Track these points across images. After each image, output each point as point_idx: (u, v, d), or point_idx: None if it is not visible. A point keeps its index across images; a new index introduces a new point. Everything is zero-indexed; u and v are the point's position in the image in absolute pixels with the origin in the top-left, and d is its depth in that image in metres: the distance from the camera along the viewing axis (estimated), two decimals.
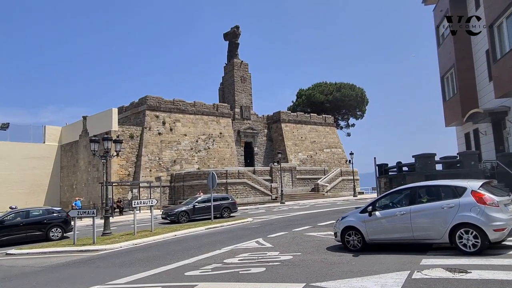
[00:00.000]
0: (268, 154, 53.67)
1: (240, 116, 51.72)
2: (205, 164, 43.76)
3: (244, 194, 38.59)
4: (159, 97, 42.48)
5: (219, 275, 7.98)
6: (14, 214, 18.15)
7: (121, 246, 14.16)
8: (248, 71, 53.95)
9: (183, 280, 7.83)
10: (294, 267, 8.15)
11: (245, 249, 11.35)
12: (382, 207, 9.57)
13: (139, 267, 9.79)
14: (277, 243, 12.09)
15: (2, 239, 16.76)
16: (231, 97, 52.29)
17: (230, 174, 38.30)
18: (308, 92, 68.61)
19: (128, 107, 44.66)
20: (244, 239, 13.49)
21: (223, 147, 46.57)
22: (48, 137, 43.26)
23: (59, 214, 19.03)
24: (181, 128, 43.09)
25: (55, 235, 17.99)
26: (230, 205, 25.54)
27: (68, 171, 42.47)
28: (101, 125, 37.92)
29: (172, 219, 23.17)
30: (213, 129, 46.16)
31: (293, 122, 54.96)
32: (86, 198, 36.99)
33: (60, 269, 10.65)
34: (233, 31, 53.32)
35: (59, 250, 13.98)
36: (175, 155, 41.63)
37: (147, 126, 40.27)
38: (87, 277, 9.08)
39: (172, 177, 40.29)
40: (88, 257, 12.48)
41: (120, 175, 37.46)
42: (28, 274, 10.14)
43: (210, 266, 9.10)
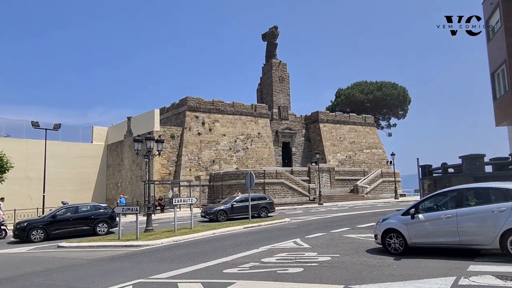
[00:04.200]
0: (306, 154, 53.21)
1: (278, 116, 51.68)
2: (243, 164, 44.14)
3: (282, 195, 38.52)
4: (199, 98, 43.42)
5: (257, 274, 8.03)
6: (65, 209, 19.28)
7: (162, 242, 14.60)
8: (286, 71, 53.81)
9: (222, 277, 7.95)
10: (332, 269, 8.03)
11: (282, 249, 11.33)
12: (426, 210, 9.20)
13: (179, 263, 10.06)
14: (315, 244, 11.97)
15: (54, 232, 17.86)
16: (269, 97, 52.39)
17: (268, 174, 38.37)
18: (347, 92, 67.30)
19: (169, 108, 46.03)
20: (282, 239, 13.47)
21: (261, 147, 46.76)
22: (96, 137, 45.55)
23: (105, 210, 19.98)
24: (220, 128, 43.76)
25: (102, 230, 18.90)
26: (267, 205, 25.59)
27: (114, 170, 44.45)
28: (144, 126, 39.36)
29: (211, 218, 23.59)
30: (251, 129, 46.46)
31: (332, 122, 54.11)
32: (130, 196, 38.52)
33: (106, 263, 11.17)
34: (272, 31, 53.40)
35: (105, 245, 14.66)
36: (214, 155, 42.35)
37: (187, 127, 41.28)
38: (130, 271, 9.46)
39: (211, 176, 41.02)
40: (131, 252, 12.99)
41: (161, 174, 38.69)
42: (78, 266, 10.73)
43: (248, 264, 9.18)
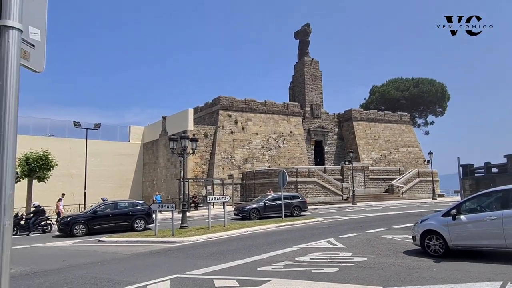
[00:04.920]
0: (339, 153, 52.40)
1: (311, 115, 51.21)
2: (275, 162, 44.13)
3: (314, 194, 38.18)
4: (231, 97, 43.82)
5: (291, 272, 8.03)
6: (105, 205, 20.08)
7: (197, 239, 14.89)
8: (318, 69, 53.21)
9: (256, 275, 8.02)
10: (369, 270, 7.89)
11: (316, 248, 11.25)
12: (468, 211, 8.83)
13: (214, 259, 10.23)
14: (349, 244, 11.79)
15: (95, 228, 18.66)
16: (301, 95, 52.02)
17: (300, 173, 38.14)
18: (382, 89, 65.62)
19: (202, 107, 46.78)
20: (315, 238, 13.36)
21: (293, 146, 46.55)
22: (133, 136, 47.10)
23: (142, 207, 20.64)
24: (252, 127, 43.97)
25: (139, 226, 19.54)
26: (300, 204, 25.46)
27: (150, 168, 45.79)
28: (179, 125, 40.26)
29: (243, 216, 23.77)
30: (284, 128, 46.35)
31: (366, 120, 52.96)
32: (165, 193, 39.54)
33: (144, 257, 11.55)
34: (304, 29, 52.98)
35: (143, 240, 15.15)
36: (246, 154, 42.62)
37: (220, 125, 41.80)
38: (167, 266, 9.73)
39: (243, 175, 41.32)
40: (167, 248, 13.34)
41: (195, 172, 39.42)
42: (118, 260, 11.17)
43: (282, 263, 9.19)
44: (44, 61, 1.91)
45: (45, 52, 1.91)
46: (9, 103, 1.58)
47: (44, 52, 1.91)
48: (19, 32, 1.64)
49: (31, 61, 1.79)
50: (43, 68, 1.91)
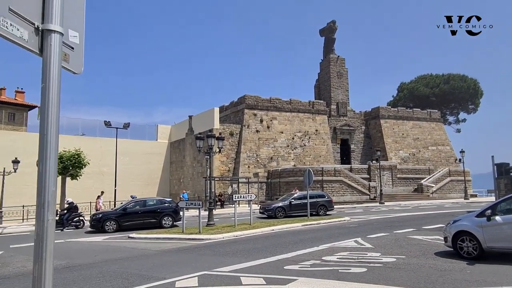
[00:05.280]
0: (366, 151, 51.49)
1: (336, 113, 50.56)
2: (301, 161, 43.89)
3: (340, 193, 37.70)
4: (256, 96, 43.90)
5: (318, 272, 7.98)
6: (134, 203, 20.60)
7: (223, 237, 15.03)
8: (344, 66, 52.45)
9: (283, 273, 8.01)
10: (398, 271, 7.73)
11: (343, 248, 11.12)
12: (504, 212, 8.48)
13: (240, 257, 10.30)
14: (377, 244, 11.58)
15: (125, 224, 19.17)
16: (327, 93, 51.45)
17: (326, 171, 37.76)
18: (410, 86, 63.94)
19: (228, 106, 47.10)
20: (342, 238, 13.21)
21: (318, 144, 46.13)
22: (160, 135, 48.06)
23: (170, 204, 21.02)
24: (277, 126, 43.90)
25: (167, 223, 19.91)
26: (326, 203, 25.23)
27: (176, 166, 46.58)
28: (205, 124, 40.73)
29: (269, 214, 23.78)
30: (309, 126, 46.00)
31: (394, 118, 51.76)
32: (192, 191, 40.12)
33: (172, 254, 11.78)
34: (330, 26, 52.34)
35: (171, 237, 15.44)
36: (271, 152, 42.60)
37: (246, 124, 41.96)
38: (195, 262, 9.88)
39: (269, 173, 41.33)
40: (195, 245, 13.55)
41: (221, 171, 39.77)
42: (147, 256, 11.44)
43: (308, 262, 9.14)
44: (82, 63, 1.98)
45: (83, 54, 1.99)
46: (52, 104, 1.66)
47: (82, 54, 1.98)
48: (60, 35, 1.72)
49: (70, 63, 1.87)
50: (82, 69, 1.99)
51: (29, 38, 1.63)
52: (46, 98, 1.65)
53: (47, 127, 1.65)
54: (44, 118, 1.65)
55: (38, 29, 1.67)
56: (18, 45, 1.58)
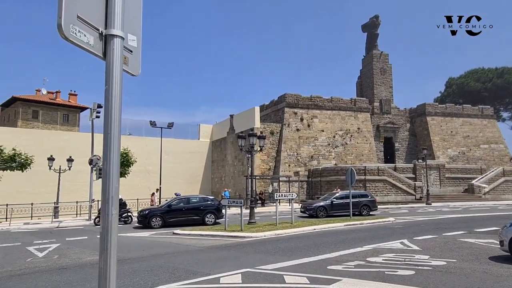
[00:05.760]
0: (411, 150, 49.59)
1: (380, 110, 49.11)
2: (342, 160, 43.10)
3: (384, 192, 36.59)
4: (297, 94, 43.65)
5: (363, 273, 7.81)
6: (178, 200, 21.23)
7: (264, 235, 15.11)
8: (388, 62, 50.82)
9: (326, 273, 7.92)
10: (449, 275, 7.38)
11: (389, 249, 10.80)
12: None
13: (282, 256, 10.31)
14: (425, 246, 11.13)
15: (170, 220, 19.81)
16: (369, 90, 50.10)
17: (369, 170, 36.79)
18: (460, 81, 60.71)
19: (268, 105, 47.22)
20: (387, 239, 12.83)
21: (361, 143, 45.06)
22: (202, 134, 49.14)
23: (212, 202, 21.45)
24: (318, 124, 43.40)
25: (209, 221, 20.32)
26: (369, 203, 24.63)
27: (218, 165, 47.41)
28: (245, 123, 41.11)
29: (310, 214, 23.59)
30: (351, 125, 45.06)
31: (441, 115, 49.42)
32: (233, 189, 40.65)
33: (216, 251, 12.02)
34: (372, 21, 50.92)
35: (213, 234, 15.75)
36: (312, 151, 42.20)
37: (286, 123, 41.86)
38: (237, 260, 10.02)
39: (309, 172, 40.97)
40: (237, 242, 13.73)
41: (261, 169, 39.98)
42: (191, 252, 11.76)
43: (352, 262, 8.97)
44: (140, 66, 2.08)
45: (140, 57, 2.09)
46: (114, 105, 1.76)
47: (139, 57, 2.08)
48: (121, 39, 1.81)
49: (129, 66, 1.97)
50: (139, 72, 2.09)
51: (94, 43, 1.74)
52: (109, 99, 1.76)
53: (110, 127, 1.75)
54: (107, 118, 1.76)
55: (102, 34, 1.78)
56: (84, 50, 1.69)
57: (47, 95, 49.77)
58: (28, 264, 10.23)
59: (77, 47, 1.66)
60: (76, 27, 1.64)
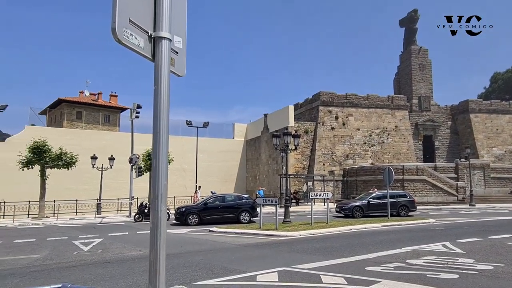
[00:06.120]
0: (452, 149, 47.52)
1: (418, 108, 47.44)
2: (379, 159, 42.04)
3: (424, 193, 35.32)
4: (331, 93, 43.04)
5: (403, 275, 7.59)
6: (214, 198, 21.57)
7: (300, 234, 15.04)
8: (427, 57, 48.98)
9: (365, 274, 7.77)
10: (497, 280, 7.02)
11: (430, 252, 10.43)
12: None
13: (318, 255, 10.22)
14: (469, 249, 10.64)
15: (206, 218, 20.16)
16: (407, 87, 48.52)
17: (407, 170, 35.64)
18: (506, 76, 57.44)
19: (302, 104, 46.89)
20: (427, 241, 12.39)
21: (398, 141, 43.73)
22: (236, 133, 49.60)
23: (247, 200, 21.60)
24: (353, 123, 42.58)
25: (244, 219, 20.48)
26: (408, 203, 23.88)
27: (252, 164, 47.68)
28: (279, 122, 41.05)
29: (346, 213, 23.22)
30: (388, 123, 43.83)
31: (486, 111, 46.97)
32: (267, 188, 40.73)
33: (251, 249, 12.11)
34: (411, 16, 49.26)
35: (249, 232, 15.87)
36: (347, 150, 41.48)
37: (321, 121, 41.39)
38: (273, 258, 10.04)
39: (344, 171, 40.29)
40: (272, 241, 13.75)
41: (296, 168, 39.79)
42: (228, 249, 11.92)
43: (391, 264, 8.74)
44: (185, 66, 2.15)
45: (185, 58, 2.15)
46: (163, 104, 1.83)
47: (185, 58, 2.14)
48: (169, 41, 1.88)
49: (175, 67, 2.03)
50: (184, 72, 2.15)
51: (144, 45, 1.81)
52: (158, 99, 1.82)
53: (159, 126, 1.82)
54: (156, 117, 1.83)
55: (151, 37, 1.85)
56: (135, 52, 1.77)
57: (89, 96, 52.12)
58: (75, 257, 10.79)
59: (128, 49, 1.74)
60: (128, 31, 1.71)
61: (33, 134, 30.81)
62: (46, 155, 26.28)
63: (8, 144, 34.54)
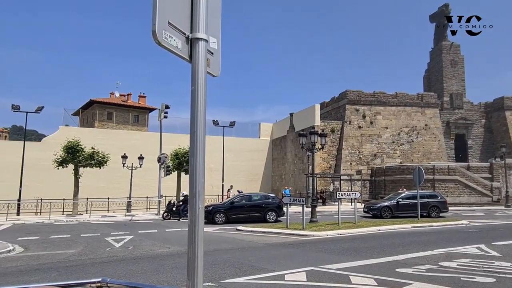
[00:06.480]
0: (487, 148, 45.69)
1: (450, 105, 45.90)
2: (408, 158, 41.00)
3: (456, 193, 34.16)
4: (359, 91, 42.33)
5: (436, 278, 7.38)
6: (240, 197, 21.71)
7: (327, 234, 14.91)
8: (459, 53, 47.33)
9: (395, 276, 7.62)
10: None
11: (463, 254, 10.10)
12: None
13: (347, 256, 10.10)
14: (506, 252, 10.24)
15: (232, 217, 20.30)
16: (438, 84, 47.04)
17: (438, 169, 34.58)
18: None
19: (329, 103, 46.37)
20: (460, 243, 12.01)
21: (428, 140, 42.48)
22: (262, 132, 49.63)
23: (273, 200, 21.60)
24: (381, 121, 41.71)
25: (271, 218, 20.48)
26: (439, 204, 23.17)
27: (278, 163, 47.59)
28: (305, 121, 40.75)
29: (374, 214, 22.81)
30: (417, 121, 42.66)
31: None
32: (293, 188, 40.53)
33: (278, 248, 12.11)
34: (442, 10, 47.73)
35: (275, 231, 15.87)
36: (375, 149, 40.69)
37: (347, 120, 40.80)
38: (301, 258, 10.00)
39: (372, 171, 39.55)
40: (298, 240, 13.71)
41: (322, 168, 39.41)
42: (255, 248, 11.97)
43: (423, 266, 8.53)
44: (220, 67, 2.18)
45: (220, 59, 2.18)
46: (200, 104, 1.87)
47: (219, 59, 2.18)
48: (205, 42, 1.92)
49: (211, 67, 2.07)
50: (219, 73, 2.18)
51: (182, 47, 1.85)
52: (195, 100, 1.86)
53: (196, 125, 1.86)
54: (194, 117, 1.87)
55: (188, 38, 1.89)
56: (174, 54, 1.81)
57: (119, 97, 53.61)
58: (108, 253, 11.15)
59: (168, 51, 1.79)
60: (167, 33, 1.76)
61: (67, 134, 32.02)
62: (79, 155, 27.26)
63: (44, 144, 36.06)
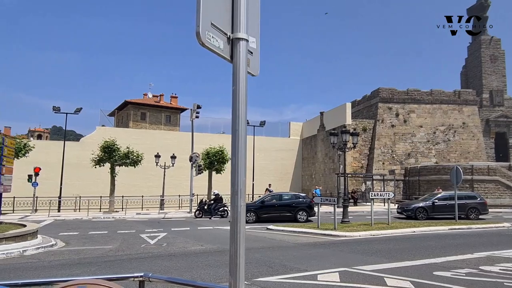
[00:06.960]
0: None
1: (490, 103, 43.86)
2: (444, 158, 39.53)
3: (496, 195, 32.60)
4: (391, 89, 41.26)
5: (477, 282, 7.09)
6: (271, 196, 21.72)
7: (359, 235, 14.65)
8: (500, 47, 45.13)
9: (433, 279, 7.38)
10: None
11: (506, 259, 9.64)
12: None
13: (381, 257, 9.88)
14: None
15: (263, 216, 20.33)
16: (477, 81, 45.05)
17: (477, 170, 33.12)
18: None
19: (360, 101, 45.50)
20: (503, 247, 11.47)
21: (466, 139, 40.76)
22: (292, 132, 49.42)
23: (304, 199, 21.46)
24: (415, 119, 40.45)
25: (301, 218, 20.35)
26: (478, 206, 22.21)
27: (308, 162, 47.22)
28: (336, 120, 40.20)
29: (408, 215, 22.18)
30: (454, 119, 41.03)
31: None
32: (323, 187, 40.11)
33: (309, 248, 12.02)
34: (480, 3, 45.68)
35: (306, 231, 15.76)
36: (409, 148, 39.52)
37: (380, 119, 39.87)
38: (332, 258, 9.88)
39: (406, 170, 38.45)
40: (330, 241, 13.54)
41: (353, 167, 38.73)
42: (286, 248, 11.94)
43: (462, 270, 8.21)
44: (258, 66, 2.20)
45: (259, 58, 2.20)
46: (241, 103, 1.89)
47: (258, 58, 2.19)
48: (246, 42, 1.94)
49: (250, 67, 2.09)
50: (258, 72, 2.20)
51: (224, 47, 1.88)
52: (236, 99, 1.89)
53: (238, 124, 1.88)
54: (235, 116, 1.89)
55: (229, 38, 1.92)
56: (216, 54, 1.85)
57: (152, 98, 55.03)
58: (143, 250, 11.48)
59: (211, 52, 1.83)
60: (210, 34, 1.79)
61: (103, 134, 33.24)
62: (115, 154, 28.21)
63: (82, 144, 37.62)
